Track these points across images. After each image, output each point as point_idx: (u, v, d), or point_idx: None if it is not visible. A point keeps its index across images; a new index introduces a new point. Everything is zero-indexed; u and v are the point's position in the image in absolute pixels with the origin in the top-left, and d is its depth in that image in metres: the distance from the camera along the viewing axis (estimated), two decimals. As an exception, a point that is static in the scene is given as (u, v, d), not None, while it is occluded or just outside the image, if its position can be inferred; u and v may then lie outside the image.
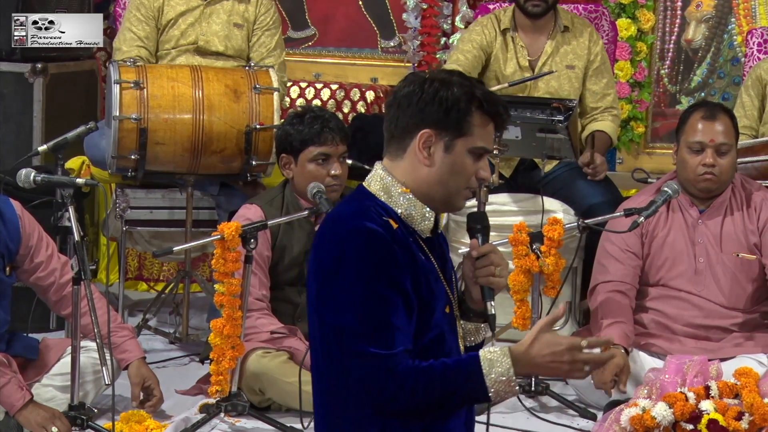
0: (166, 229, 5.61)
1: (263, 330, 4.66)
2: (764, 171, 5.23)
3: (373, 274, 2.57)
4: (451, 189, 2.69)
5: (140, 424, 4.30)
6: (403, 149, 2.70)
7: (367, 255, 2.58)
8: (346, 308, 2.57)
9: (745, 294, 4.67)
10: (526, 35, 5.69)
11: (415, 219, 2.69)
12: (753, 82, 5.75)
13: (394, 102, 2.71)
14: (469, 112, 2.66)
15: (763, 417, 3.99)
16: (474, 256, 2.72)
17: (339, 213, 2.69)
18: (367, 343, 2.54)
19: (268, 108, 5.27)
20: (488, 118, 2.68)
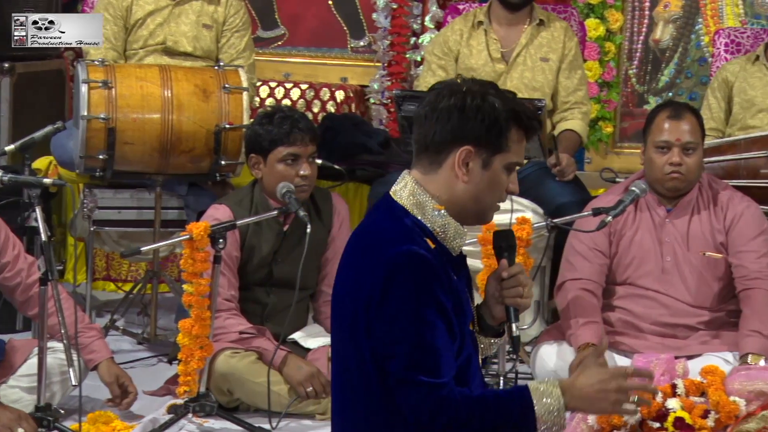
0: (134, 229, 5.59)
1: (232, 330, 4.65)
2: (731, 171, 5.26)
3: (422, 301, 2.55)
4: (485, 204, 2.68)
5: (107, 425, 4.28)
6: (439, 164, 2.66)
7: (416, 282, 2.56)
8: (397, 338, 2.55)
9: (712, 292, 4.70)
10: (501, 27, 5.72)
11: (449, 237, 2.67)
12: (719, 84, 5.78)
13: (431, 114, 2.65)
14: (508, 128, 2.65)
15: (729, 415, 4.01)
16: (503, 277, 2.70)
17: (378, 231, 2.64)
18: (418, 371, 2.53)
19: (238, 108, 5.26)
20: (523, 133, 2.68)
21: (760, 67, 5.72)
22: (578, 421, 4.12)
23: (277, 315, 4.79)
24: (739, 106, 5.70)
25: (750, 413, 4.02)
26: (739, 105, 5.71)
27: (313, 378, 4.55)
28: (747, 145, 5.30)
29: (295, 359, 4.60)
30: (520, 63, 5.68)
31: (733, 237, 4.69)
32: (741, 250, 4.66)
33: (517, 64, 5.67)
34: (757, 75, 5.70)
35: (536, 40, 5.70)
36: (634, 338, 4.69)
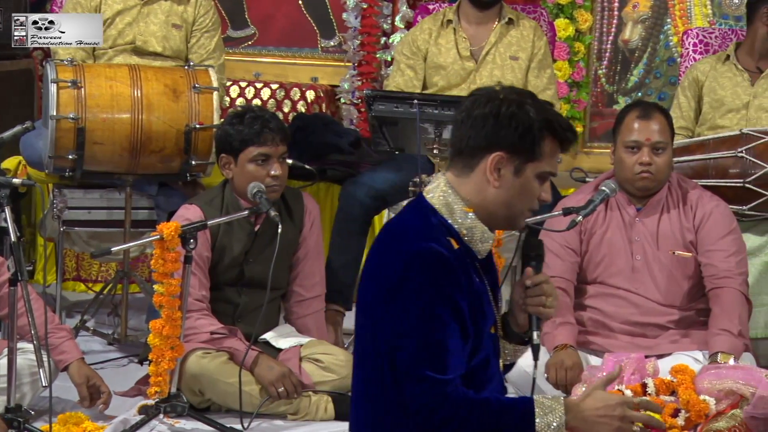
0: (105, 230, 5.57)
1: (203, 330, 4.64)
2: (700, 170, 5.29)
3: (436, 298, 2.59)
4: (516, 210, 2.72)
5: (78, 426, 4.27)
6: (471, 168, 2.70)
7: (431, 278, 2.60)
8: (406, 330, 2.59)
9: (682, 291, 4.72)
10: (470, 26, 5.74)
11: (475, 239, 2.71)
12: (689, 83, 5.81)
13: (467, 120, 2.71)
14: (542, 138, 2.69)
15: (699, 413, 4.04)
16: (527, 285, 2.72)
17: (404, 227, 2.69)
18: (423, 366, 2.57)
19: (208, 107, 5.25)
20: (558, 144, 2.72)
21: (730, 66, 5.75)
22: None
23: (248, 315, 4.79)
24: (709, 106, 5.74)
25: (720, 412, 4.05)
26: (708, 104, 5.74)
27: (285, 378, 4.55)
28: (716, 144, 5.33)
29: (266, 359, 4.59)
30: (490, 61, 5.69)
31: (702, 236, 4.72)
32: (710, 249, 4.69)
33: (487, 62, 5.69)
34: (727, 75, 5.74)
35: (505, 38, 5.72)
36: (604, 337, 4.70)
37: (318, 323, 5.00)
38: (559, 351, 4.53)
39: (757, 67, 5.74)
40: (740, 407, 4.02)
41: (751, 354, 4.60)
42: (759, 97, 5.68)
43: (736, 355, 4.46)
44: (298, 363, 4.69)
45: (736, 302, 4.60)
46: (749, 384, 4.05)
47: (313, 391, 4.65)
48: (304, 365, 4.70)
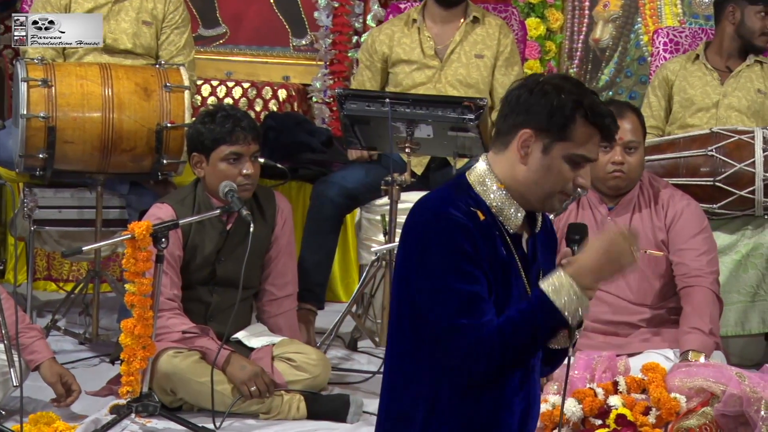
0: (76, 229, 5.55)
1: (175, 330, 4.63)
2: (671, 169, 5.31)
3: (457, 254, 2.63)
4: (545, 191, 2.72)
5: (49, 426, 4.25)
6: (506, 145, 2.74)
7: (449, 238, 2.65)
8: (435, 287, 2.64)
9: (653, 290, 4.74)
10: (435, 25, 5.76)
11: (504, 214, 2.73)
12: (660, 83, 5.84)
13: (507, 99, 2.76)
14: (573, 119, 2.69)
15: (670, 411, 4.06)
16: (562, 264, 2.71)
17: (427, 198, 2.76)
18: (459, 317, 2.61)
19: (179, 106, 5.23)
20: (593, 128, 2.71)
21: (699, 66, 5.78)
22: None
23: (220, 314, 4.78)
24: (679, 105, 5.77)
25: (690, 410, 4.07)
26: (678, 104, 5.77)
27: (257, 377, 4.55)
28: (687, 143, 5.36)
29: (238, 359, 4.59)
30: (455, 60, 5.71)
31: (673, 235, 4.74)
32: (681, 248, 4.71)
33: (452, 60, 5.70)
34: (697, 74, 5.77)
35: (471, 36, 5.73)
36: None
37: (290, 322, 5.00)
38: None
39: (726, 67, 5.77)
40: (711, 405, 4.04)
41: (721, 352, 4.62)
42: (728, 96, 5.71)
43: (706, 354, 4.48)
44: (270, 362, 4.68)
45: (707, 301, 4.62)
46: (720, 382, 4.07)
47: (286, 391, 4.65)
48: (277, 364, 4.70)
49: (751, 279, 5.33)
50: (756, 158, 5.19)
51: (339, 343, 5.57)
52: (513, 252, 2.74)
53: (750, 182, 5.21)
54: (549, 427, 4.09)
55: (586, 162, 2.73)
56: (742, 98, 5.71)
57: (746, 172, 5.21)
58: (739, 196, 5.22)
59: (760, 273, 5.32)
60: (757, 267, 5.32)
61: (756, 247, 5.33)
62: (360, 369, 5.19)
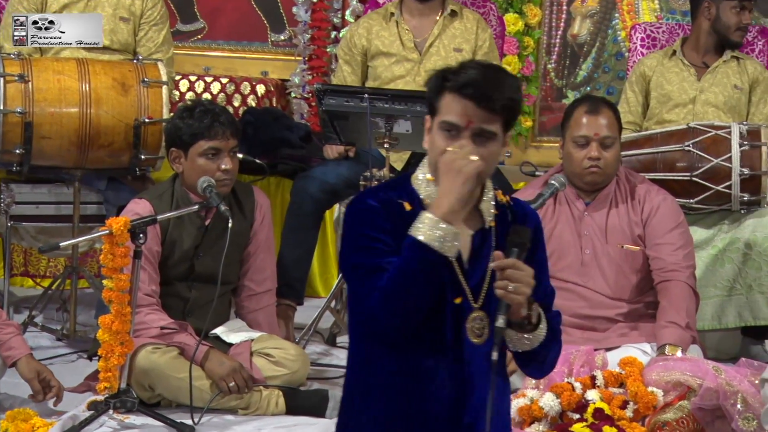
0: (53, 225, 5.53)
1: (153, 326, 4.62)
2: (648, 164, 5.33)
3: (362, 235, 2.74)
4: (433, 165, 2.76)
5: (26, 423, 4.24)
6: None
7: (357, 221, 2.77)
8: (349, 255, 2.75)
9: (630, 285, 4.76)
10: (413, 18, 5.76)
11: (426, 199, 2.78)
12: (637, 78, 5.86)
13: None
14: (439, 90, 2.75)
15: (647, 405, 4.07)
16: (492, 267, 2.74)
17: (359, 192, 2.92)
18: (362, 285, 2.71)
19: (157, 102, 5.22)
20: (455, 94, 2.73)
21: (676, 62, 5.80)
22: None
23: (198, 310, 4.77)
24: (656, 101, 5.78)
25: (667, 403, 4.09)
26: (656, 99, 5.79)
27: (236, 373, 4.55)
28: (664, 138, 5.38)
29: (217, 354, 4.59)
30: (434, 53, 5.71)
31: (650, 230, 4.76)
32: (658, 243, 4.73)
33: (431, 54, 5.71)
34: (674, 70, 5.79)
35: (449, 30, 5.74)
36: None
37: (269, 318, 5.00)
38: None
39: (703, 62, 5.79)
40: (688, 399, 4.06)
41: (698, 346, 4.65)
42: (705, 92, 5.73)
43: (683, 348, 4.50)
44: (248, 358, 4.68)
45: (684, 295, 4.64)
46: (696, 376, 4.09)
47: (264, 386, 4.65)
48: (255, 360, 4.70)
49: (727, 273, 5.35)
50: (732, 153, 5.21)
51: (318, 338, 5.58)
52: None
53: (726, 177, 5.23)
54: (527, 421, 4.10)
55: (452, 128, 2.74)
56: (718, 94, 5.73)
57: (723, 167, 5.23)
58: (715, 191, 5.25)
59: (737, 267, 5.35)
60: (734, 261, 5.35)
61: (732, 242, 5.35)
62: (339, 364, 5.19)
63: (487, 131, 2.73)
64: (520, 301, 2.68)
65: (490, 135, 2.74)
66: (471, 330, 2.78)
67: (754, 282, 5.33)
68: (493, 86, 2.73)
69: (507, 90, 2.75)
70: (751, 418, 3.91)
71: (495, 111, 2.73)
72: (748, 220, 5.35)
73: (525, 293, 2.67)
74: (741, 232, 5.34)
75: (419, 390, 2.76)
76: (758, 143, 5.22)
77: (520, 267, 2.68)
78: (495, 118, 2.74)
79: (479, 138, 2.74)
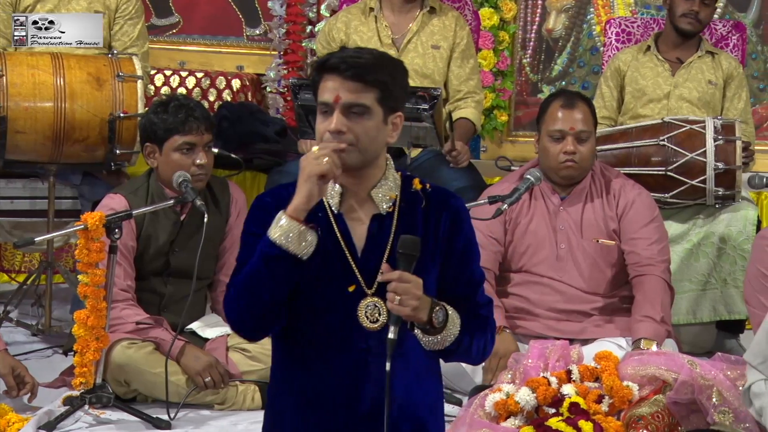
0: (28, 220, 5.51)
1: (128, 321, 4.61)
2: (623, 158, 5.35)
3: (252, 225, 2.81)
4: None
5: (1, 418, 4.22)
6: None
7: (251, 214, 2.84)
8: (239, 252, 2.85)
9: (605, 279, 4.78)
10: (392, 14, 5.76)
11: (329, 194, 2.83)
12: (612, 73, 5.87)
13: None
14: (317, 77, 2.79)
15: (622, 399, 4.08)
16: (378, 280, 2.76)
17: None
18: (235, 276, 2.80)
19: (132, 96, 5.21)
20: (325, 72, 2.78)
21: (651, 57, 5.82)
22: (475, 407, 4.17)
23: (174, 305, 4.77)
24: (631, 96, 5.80)
25: (643, 398, 4.10)
26: (630, 94, 5.81)
27: (211, 368, 4.54)
28: (639, 133, 5.40)
29: (192, 349, 4.58)
30: (411, 50, 5.71)
31: (625, 224, 4.78)
32: (633, 237, 4.75)
33: (408, 50, 5.71)
34: (649, 65, 5.81)
35: (427, 27, 5.74)
36: (529, 324, 4.75)
37: (245, 313, 4.98)
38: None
39: (677, 58, 5.81)
40: (663, 393, 4.08)
41: (673, 340, 4.67)
42: (679, 87, 5.75)
43: (658, 342, 4.53)
44: (225, 353, 4.68)
45: (659, 289, 4.66)
46: (671, 370, 4.10)
47: (240, 381, 4.64)
48: (231, 355, 4.69)
49: (702, 268, 5.38)
50: (707, 148, 5.23)
51: (293, 333, 5.57)
52: (336, 231, 2.80)
53: (701, 172, 5.25)
54: (503, 416, 4.11)
55: (326, 107, 2.77)
56: (693, 89, 5.75)
57: (697, 161, 5.25)
58: (690, 186, 5.27)
59: (711, 262, 5.37)
60: (708, 256, 5.37)
61: (707, 236, 5.38)
62: (314, 359, 5.19)
63: (356, 104, 2.75)
64: (408, 312, 2.68)
65: (362, 109, 2.76)
66: (364, 317, 2.81)
67: (728, 276, 5.35)
68: (359, 59, 2.77)
69: (377, 63, 2.77)
70: (726, 411, 3.93)
71: (364, 81, 2.74)
72: (722, 214, 5.38)
73: (411, 305, 2.68)
74: (716, 227, 5.37)
75: (313, 380, 2.80)
76: (732, 138, 5.24)
77: (406, 279, 2.68)
78: (365, 89, 2.75)
79: (351, 114, 2.75)
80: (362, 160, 2.77)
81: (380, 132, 2.79)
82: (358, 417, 2.81)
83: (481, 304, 2.88)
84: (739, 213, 5.36)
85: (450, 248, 2.83)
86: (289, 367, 2.86)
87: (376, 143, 2.78)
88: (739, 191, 5.29)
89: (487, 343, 2.89)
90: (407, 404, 2.84)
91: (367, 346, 2.80)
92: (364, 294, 2.81)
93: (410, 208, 2.84)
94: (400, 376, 2.80)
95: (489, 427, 4.03)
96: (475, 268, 2.90)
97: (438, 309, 2.75)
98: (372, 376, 2.80)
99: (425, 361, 2.88)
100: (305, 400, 2.83)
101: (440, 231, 2.84)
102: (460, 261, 2.83)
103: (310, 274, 2.77)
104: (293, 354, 2.85)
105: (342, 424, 2.81)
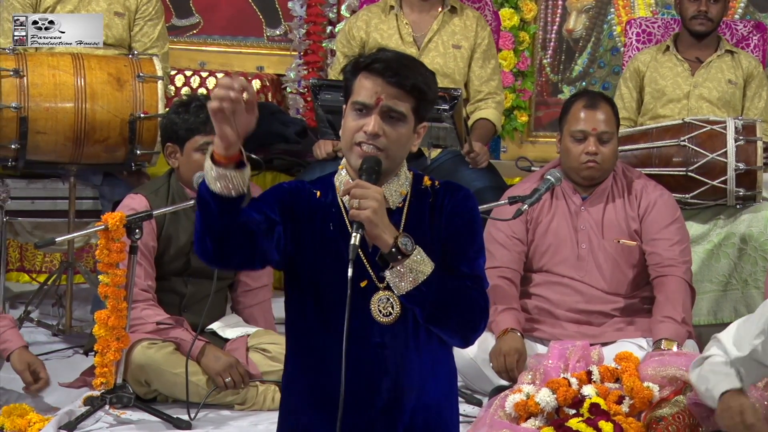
0: (49, 220, 5.53)
1: (149, 321, 4.62)
2: (644, 159, 5.33)
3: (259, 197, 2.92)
4: (347, 146, 2.82)
5: (22, 418, 4.23)
6: None
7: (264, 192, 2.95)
8: None
9: (626, 279, 4.77)
10: (413, 12, 5.76)
11: (340, 189, 2.86)
12: (631, 74, 5.86)
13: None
14: (353, 73, 2.82)
15: (643, 400, 4.08)
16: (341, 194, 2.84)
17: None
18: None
19: (153, 96, 5.22)
20: (367, 72, 2.80)
21: (670, 57, 5.81)
22: (496, 408, 4.16)
23: (194, 305, 4.77)
24: (650, 96, 5.79)
25: (663, 398, 4.09)
26: (650, 95, 5.79)
27: (232, 368, 4.55)
28: (659, 133, 5.38)
29: (213, 350, 4.59)
30: (432, 49, 5.71)
31: (646, 225, 4.76)
32: (654, 238, 4.74)
33: (429, 49, 5.70)
34: (668, 65, 5.79)
35: (448, 26, 5.74)
36: (550, 326, 4.74)
37: (265, 313, 5.00)
38: (501, 337, 4.55)
39: (696, 57, 5.79)
40: (683, 394, 4.07)
41: (694, 341, 4.65)
42: (699, 87, 5.74)
43: (679, 342, 4.51)
44: (245, 353, 4.68)
45: (680, 290, 4.65)
46: (692, 371, 4.09)
47: (260, 381, 4.65)
48: (251, 355, 4.70)
49: (723, 268, 5.36)
50: (728, 148, 5.21)
51: (313, 333, 5.57)
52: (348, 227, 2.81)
53: (722, 172, 5.23)
54: (523, 417, 4.11)
55: (362, 107, 2.78)
56: (712, 89, 5.73)
57: (718, 162, 5.23)
58: (711, 186, 5.25)
59: (732, 262, 5.35)
60: (729, 256, 5.35)
61: (728, 237, 5.36)
62: (334, 359, 5.19)
63: (395, 111, 2.78)
64: (368, 215, 2.71)
65: (399, 116, 2.79)
66: (377, 311, 2.83)
67: (749, 277, 5.33)
68: (403, 65, 2.79)
69: (418, 71, 2.81)
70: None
71: (404, 89, 2.78)
72: (743, 215, 5.36)
73: (370, 206, 2.70)
74: (736, 227, 5.35)
75: (329, 377, 2.79)
76: (753, 138, 5.22)
77: (363, 185, 2.73)
78: (404, 97, 2.79)
79: (388, 118, 2.78)
80: (387, 166, 2.81)
81: (409, 140, 2.84)
82: (376, 411, 2.84)
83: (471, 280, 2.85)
84: (760, 213, 5.34)
85: (448, 227, 2.86)
86: (304, 364, 2.88)
87: (403, 151, 2.83)
88: (760, 192, 5.27)
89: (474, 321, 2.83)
90: (422, 393, 2.87)
91: (382, 340, 2.84)
92: (376, 288, 2.84)
93: (419, 204, 2.88)
94: (415, 365, 2.84)
95: (509, 427, 4.03)
96: (472, 255, 2.87)
97: (405, 235, 2.76)
98: (388, 370, 2.83)
99: (438, 348, 2.89)
100: (321, 397, 2.84)
101: (443, 217, 2.87)
102: (455, 241, 2.85)
103: (322, 271, 2.81)
104: (307, 351, 2.87)
105: (360, 419, 2.83)
